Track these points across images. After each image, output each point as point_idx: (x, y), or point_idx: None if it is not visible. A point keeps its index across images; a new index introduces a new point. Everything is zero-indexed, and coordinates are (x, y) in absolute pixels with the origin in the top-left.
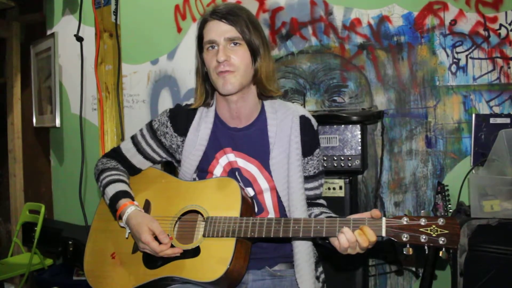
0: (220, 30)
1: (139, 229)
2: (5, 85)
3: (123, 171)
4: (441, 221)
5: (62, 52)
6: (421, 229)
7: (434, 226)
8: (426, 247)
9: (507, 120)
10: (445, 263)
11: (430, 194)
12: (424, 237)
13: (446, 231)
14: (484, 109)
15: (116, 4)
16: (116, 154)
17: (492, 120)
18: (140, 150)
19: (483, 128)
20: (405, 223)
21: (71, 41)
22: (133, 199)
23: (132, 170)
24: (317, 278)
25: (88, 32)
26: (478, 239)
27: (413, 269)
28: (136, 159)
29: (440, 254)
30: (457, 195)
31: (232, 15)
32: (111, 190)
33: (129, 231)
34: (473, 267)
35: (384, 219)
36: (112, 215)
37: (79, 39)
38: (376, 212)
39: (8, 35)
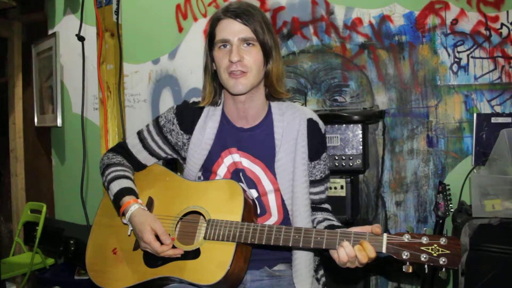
0: (234, 30)
1: (141, 228)
2: (7, 84)
3: (128, 166)
4: (443, 240)
5: (64, 51)
6: (422, 248)
7: (435, 245)
8: (426, 266)
9: (509, 120)
10: (445, 283)
11: (431, 194)
12: (424, 256)
13: (448, 251)
14: (485, 109)
15: (118, 4)
16: (121, 149)
17: (493, 120)
18: (146, 146)
19: (484, 128)
20: (406, 240)
21: (72, 41)
22: (137, 197)
23: (137, 166)
24: (318, 280)
25: (90, 32)
26: (480, 238)
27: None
28: (142, 155)
29: (440, 274)
30: (459, 194)
31: (246, 14)
32: (115, 186)
33: (131, 228)
34: (475, 266)
35: (385, 235)
36: (116, 211)
37: (81, 38)
38: (376, 229)
39: (9, 34)
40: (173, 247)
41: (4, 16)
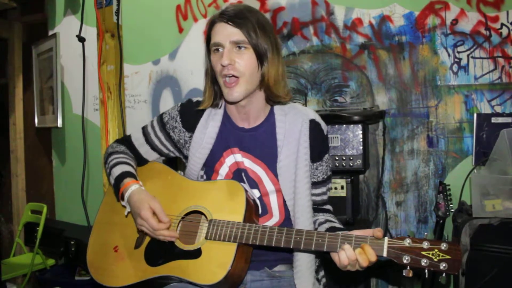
0: (225, 33)
1: (139, 205)
2: (7, 85)
3: (132, 156)
4: (444, 245)
5: (64, 52)
6: (423, 253)
7: (436, 250)
8: (426, 271)
9: (509, 120)
10: (446, 283)
11: (431, 194)
12: (425, 260)
13: (448, 257)
14: (485, 109)
15: (118, 5)
16: (125, 141)
17: (493, 120)
18: (148, 141)
19: (484, 128)
20: (407, 245)
21: (72, 42)
22: (137, 180)
23: (139, 159)
24: (318, 280)
25: (90, 33)
26: (480, 238)
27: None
28: (144, 149)
29: (440, 279)
30: (459, 194)
31: (239, 18)
32: (117, 170)
33: (128, 210)
34: (475, 266)
35: (386, 239)
36: (115, 195)
37: (81, 39)
38: (377, 233)
39: (10, 35)
40: (172, 244)
41: (4, 17)
